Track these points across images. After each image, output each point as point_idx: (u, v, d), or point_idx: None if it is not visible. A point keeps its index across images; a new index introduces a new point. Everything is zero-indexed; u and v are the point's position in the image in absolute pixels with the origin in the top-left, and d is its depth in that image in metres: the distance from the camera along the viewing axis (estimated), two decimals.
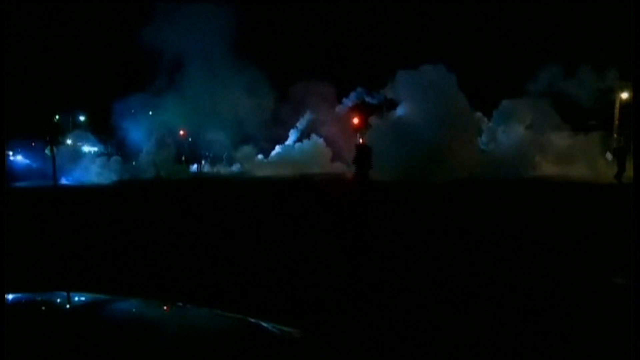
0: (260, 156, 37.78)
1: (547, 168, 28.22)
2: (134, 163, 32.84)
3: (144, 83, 31.44)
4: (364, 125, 30.65)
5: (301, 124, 37.45)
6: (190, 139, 38.33)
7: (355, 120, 34.23)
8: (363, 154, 12.54)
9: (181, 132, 36.87)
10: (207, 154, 40.22)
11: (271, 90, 33.58)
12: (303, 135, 37.31)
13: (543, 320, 4.28)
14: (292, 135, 37.88)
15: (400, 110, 29.39)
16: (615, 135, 29.65)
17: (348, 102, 35.93)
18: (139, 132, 32.39)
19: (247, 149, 37.05)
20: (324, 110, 35.76)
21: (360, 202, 12.64)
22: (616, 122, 30.81)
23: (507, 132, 30.35)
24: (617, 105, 30.72)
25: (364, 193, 12.75)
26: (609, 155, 24.65)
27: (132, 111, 32.13)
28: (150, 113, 33.18)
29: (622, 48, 22.57)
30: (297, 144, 37.02)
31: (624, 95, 29.83)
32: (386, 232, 9.21)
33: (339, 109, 36.20)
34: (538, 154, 28.70)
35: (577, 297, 4.96)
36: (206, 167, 39.44)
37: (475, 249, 7.48)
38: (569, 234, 8.84)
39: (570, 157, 27.72)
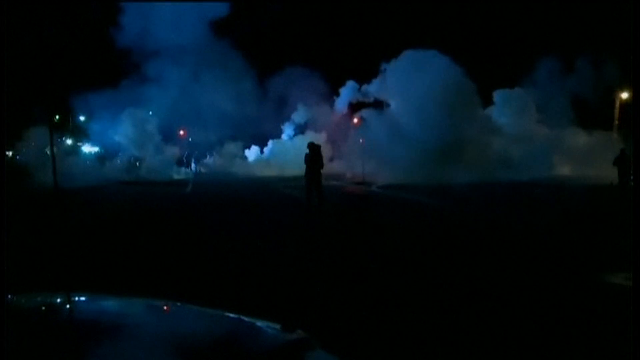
0: (254, 152, 36.32)
1: (566, 169, 26.07)
2: (118, 162, 31.49)
3: (127, 79, 30.62)
4: (362, 123, 29.93)
5: (297, 118, 36.00)
6: (190, 139, 37.60)
7: (353, 117, 33.19)
8: (314, 153, 12.89)
9: (181, 132, 36.34)
10: (208, 152, 39.10)
11: (260, 83, 32.87)
12: (298, 131, 35.84)
13: (542, 320, 4.27)
14: (287, 130, 36.32)
15: (395, 105, 27.54)
16: (615, 135, 29.34)
17: (345, 97, 34.78)
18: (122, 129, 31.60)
19: (240, 146, 35.73)
20: (319, 104, 34.80)
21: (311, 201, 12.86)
22: (616, 122, 30.72)
23: (515, 127, 27.90)
24: (617, 105, 30.65)
25: (319, 191, 12.98)
26: None
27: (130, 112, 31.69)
28: (150, 113, 32.82)
29: (623, 47, 22.02)
30: (293, 140, 34.99)
31: (624, 95, 29.74)
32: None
33: (336, 104, 35.23)
34: (556, 154, 26.21)
35: (577, 298, 4.96)
36: (208, 165, 38.10)
37: (475, 253, 7.47)
38: (576, 235, 8.80)
39: (589, 157, 25.11)
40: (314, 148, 13.12)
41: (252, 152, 36.86)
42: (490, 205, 14.46)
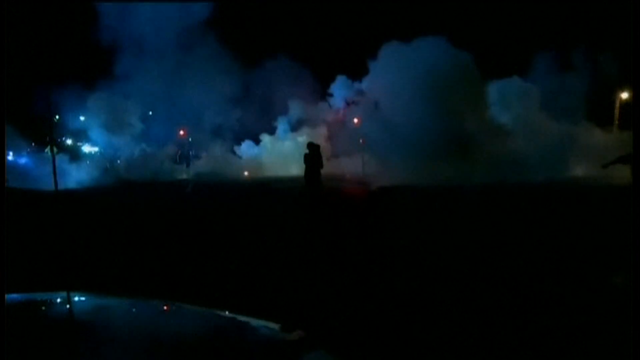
0: (248, 147, 35.67)
1: (583, 169, 24.07)
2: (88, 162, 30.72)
3: (116, 78, 30.31)
4: (359, 122, 29.51)
5: (291, 114, 35.05)
6: (190, 139, 37.04)
7: (348, 115, 32.76)
8: (313, 153, 12.84)
9: (181, 132, 35.98)
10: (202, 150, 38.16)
11: (252, 80, 32.54)
12: (292, 127, 34.93)
13: (543, 320, 4.27)
14: (282, 125, 35.27)
15: (390, 101, 25.74)
16: (615, 135, 29.12)
17: (339, 94, 34.24)
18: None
19: (232, 145, 34.71)
20: (313, 102, 34.06)
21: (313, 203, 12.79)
22: (616, 122, 30.64)
23: (519, 122, 26.01)
24: (617, 105, 30.59)
25: (316, 193, 12.90)
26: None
27: (127, 113, 31.43)
28: (150, 113, 32.66)
29: (624, 45, 21.61)
30: (289, 137, 33.95)
31: (624, 95, 29.66)
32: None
33: (332, 102, 34.78)
34: (573, 152, 24.18)
35: (578, 298, 4.96)
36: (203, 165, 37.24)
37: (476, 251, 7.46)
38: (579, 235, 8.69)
39: (604, 155, 22.89)
40: (313, 148, 13.01)
41: (246, 149, 35.77)
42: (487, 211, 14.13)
